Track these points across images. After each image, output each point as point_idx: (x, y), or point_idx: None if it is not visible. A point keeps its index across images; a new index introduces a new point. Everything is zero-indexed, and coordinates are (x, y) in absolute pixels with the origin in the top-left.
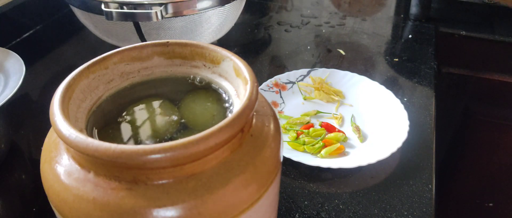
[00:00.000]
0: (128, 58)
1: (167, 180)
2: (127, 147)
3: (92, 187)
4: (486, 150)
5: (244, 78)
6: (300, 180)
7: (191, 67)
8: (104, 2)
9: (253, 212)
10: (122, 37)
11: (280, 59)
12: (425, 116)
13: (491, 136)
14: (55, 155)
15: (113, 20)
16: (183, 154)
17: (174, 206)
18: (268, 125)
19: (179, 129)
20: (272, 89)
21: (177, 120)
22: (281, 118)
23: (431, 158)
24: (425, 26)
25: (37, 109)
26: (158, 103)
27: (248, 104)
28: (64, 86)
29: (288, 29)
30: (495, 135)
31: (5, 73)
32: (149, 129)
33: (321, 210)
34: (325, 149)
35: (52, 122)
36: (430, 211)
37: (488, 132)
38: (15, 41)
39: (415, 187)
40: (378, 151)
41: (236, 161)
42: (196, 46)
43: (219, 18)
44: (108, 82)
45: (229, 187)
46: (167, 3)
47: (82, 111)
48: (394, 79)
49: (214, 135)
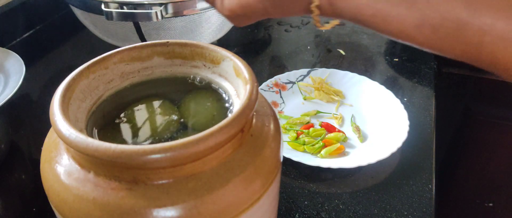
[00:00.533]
0: (128, 58)
1: (167, 180)
2: (127, 147)
3: (92, 187)
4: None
5: (244, 78)
6: (300, 180)
7: (191, 67)
8: (104, 2)
9: (253, 212)
10: (122, 37)
11: (280, 59)
12: (425, 116)
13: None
14: (55, 155)
15: (113, 20)
16: (183, 154)
17: (174, 206)
18: (268, 125)
19: (179, 129)
20: (272, 89)
21: (177, 120)
22: (281, 118)
23: (431, 158)
24: None
25: (37, 109)
26: (158, 103)
27: (248, 104)
28: (64, 86)
29: (288, 29)
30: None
31: (5, 73)
32: (149, 129)
33: (321, 210)
34: (325, 149)
35: (52, 122)
36: (430, 211)
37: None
38: (15, 41)
39: (415, 187)
40: (378, 151)
41: (236, 161)
42: (196, 46)
43: (219, 18)
44: (108, 82)
45: (229, 187)
46: (167, 3)
47: (82, 111)
48: (394, 79)
49: (214, 135)
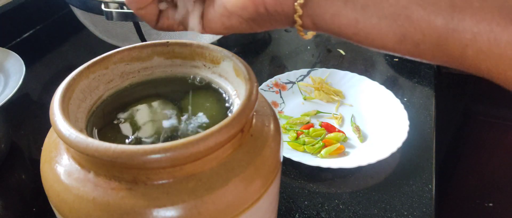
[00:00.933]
0: (128, 58)
1: (167, 180)
2: (127, 147)
3: (92, 187)
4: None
5: (244, 78)
6: (300, 180)
7: (191, 67)
8: (104, 2)
9: (253, 212)
10: (122, 37)
11: (280, 59)
12: (425, 116)
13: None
14: (55, 155)
15: (113, 20)
16: (183, 154)
17: (174, 206)
18: (268, 125)
19: (179, 129)
20: (272, 89)
21: (177, 120)
22: (281, 118)
23: (431, 158)
24: None
25: (37, 109)
26: (158, 103)
27: (248, 104)
28: (64, 86)
29: (288, 29)
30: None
31: (5, 73)
32: (149, 129)
33: (321, 210)
34: (325, 149)
35: (52, 122)
36: (430, 211)
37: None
38: (15, 41)
39: (415, 187)
40: (378, 151)
41: (236, 161)
42: (196, 46)
43: None
44: (108, 82)
45: (229, 187)
46: None
47: (82, 111)
48: (394, 79)
49: (214, 135)
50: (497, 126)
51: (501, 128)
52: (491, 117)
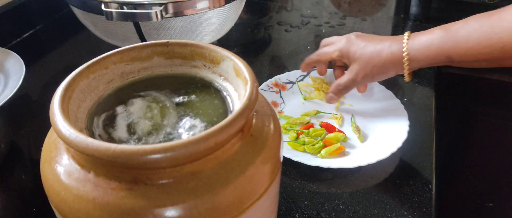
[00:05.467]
0: (128, 58)
1: (167, 180)
2: (127, 147)
3: (92, 187)
4: (486, 150)
5: (244, 78)
6: (300, 180)
7: (191, 67)
8: (104, 2)
9: (253, 212)
10: (122, 37)
11: (280, 59)
12: (425, 116)
13: (491, 136)
14: (55, 155)
15: (113, 20)
16: (183, 154)
17: (174, 206)
18: (268, 125)
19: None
20: (272, 89)
21: (177, 120)
22: (281, 118)
23: (431, 158)
24: (425, 26)
25: (37, 109)
26: (158, 103)
27: (248, 104)
28: (64, 86)
29: (288, 29)
30: (495, 135)
31: (5, 73)
32: (149, 129)
33: (321, 210)
34: (325, 149)
35: (52, 122)
36: (430, 211)
37: (488, 132)
38: (15, 41)
39: (415, 187)
40: (378, 151)
41: (236, 161)
42: (196, 46)
43: (219, 18)
44: (108, 82)
45: (229, 187)
46: (167, 3)
47: (82, 111)
48: (394, 79)
49: (214, 135)
50: (497, 126)
51: (501, 128)
52: (491, 117)
